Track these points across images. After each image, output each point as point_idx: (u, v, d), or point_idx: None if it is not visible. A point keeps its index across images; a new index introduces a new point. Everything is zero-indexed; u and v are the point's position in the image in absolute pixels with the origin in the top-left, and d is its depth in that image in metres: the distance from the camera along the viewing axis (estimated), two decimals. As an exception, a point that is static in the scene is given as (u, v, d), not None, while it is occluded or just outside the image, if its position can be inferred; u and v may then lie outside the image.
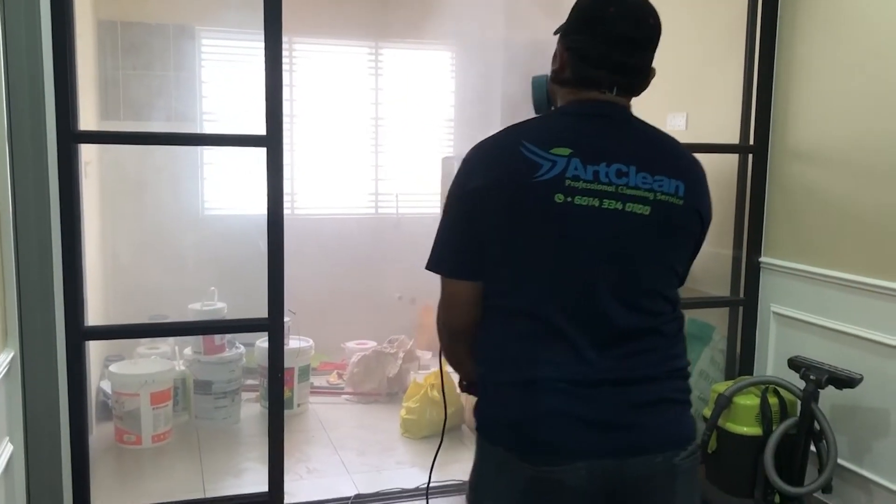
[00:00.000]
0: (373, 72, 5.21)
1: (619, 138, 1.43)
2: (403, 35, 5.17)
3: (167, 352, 4.15)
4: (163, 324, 3.74)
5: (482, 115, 5.38)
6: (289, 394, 3.98)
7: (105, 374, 3.99)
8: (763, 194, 3.19)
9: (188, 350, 3.98)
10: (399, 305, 5.25)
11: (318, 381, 4.50)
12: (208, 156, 4.77)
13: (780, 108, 3.13)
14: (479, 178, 1.39)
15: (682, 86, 3.61)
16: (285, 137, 2.80)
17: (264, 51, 2.73)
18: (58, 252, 2.55)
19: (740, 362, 3.33)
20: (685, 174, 1.45)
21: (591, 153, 1.38)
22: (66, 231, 2.57)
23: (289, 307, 3.96)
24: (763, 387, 2.89)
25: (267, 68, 2.74)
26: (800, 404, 2.78)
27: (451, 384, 3.90)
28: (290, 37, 4.90)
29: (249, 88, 2.73)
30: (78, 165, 2.63)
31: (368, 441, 3.75)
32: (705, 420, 2.92)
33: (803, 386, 2.73)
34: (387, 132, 5.25)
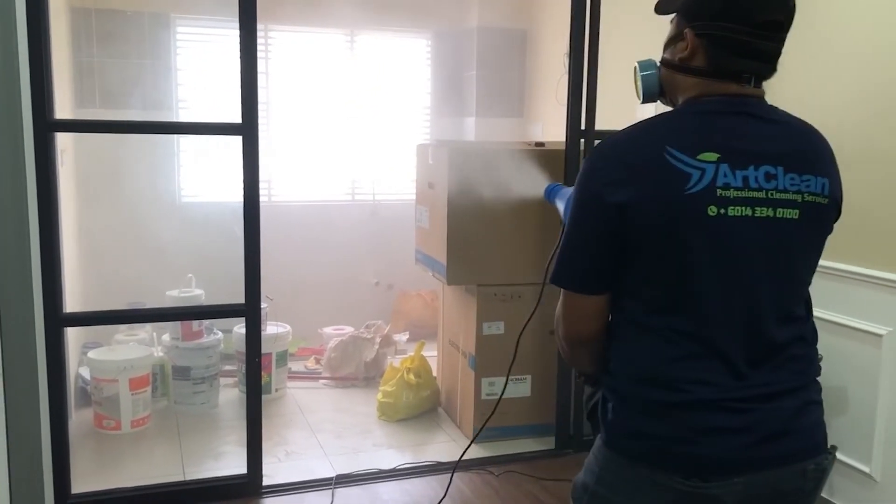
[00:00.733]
0: (349, 59, 5.23)
1: (764, 137, 1.32)
2: (379, 22, 5.20)
3: (145, 338, 4.19)
4: (140, 310, 3.77)
5: (458, 102, 5.44)
6: (267, 379, 4.03)
7: (83, 360, 4.02)
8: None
9: (166, 336, 4.02)
10: (376, 291, 5.32)
11: (296, 366, 4.55)
12: (184, 143, 4.78)
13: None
14: (622, 189, 1.26)
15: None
16: (261, 125, 2.83)
17: (239, 40, 2.77)
18: (35, 240, 2.59)
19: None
20: (828, 169, 1.36)
21: (739, 156, 1.28)
22: (43, 219, 2.61)
23: (266, 293, 4.01)
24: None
25: (242, 58, 2.78)
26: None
27: (427, 368, 3.98)
28: (265, 24, 4.92)
29: (225, 76, 2.76)
30: (54, 154, 2.66)
31: (345, 424, 3.81)
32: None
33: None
34: (363, 119, 5.29)
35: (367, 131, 5.30)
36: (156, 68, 4.64)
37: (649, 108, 4.12)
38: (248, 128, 2.80)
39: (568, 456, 3.47)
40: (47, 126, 2.60)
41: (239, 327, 4.02)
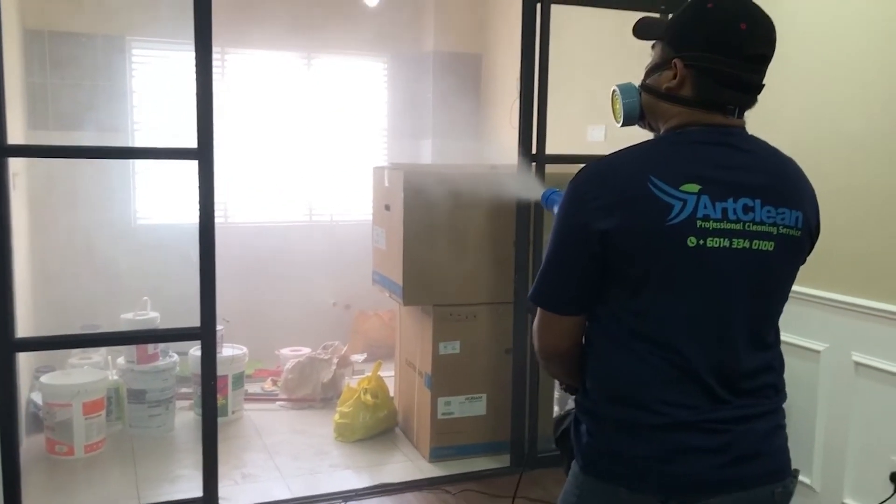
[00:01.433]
0: (306, 81, 5.28)
1: (744, 169, 1.35)
2: (336, 45, 5.26)
3: (100, 362, 4.15)
4: (94, 334, 3.75)
5: (415, 124, 5.51)
6: (223, 401, 4.02)
7: (35, 385, 3.97)
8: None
9: (121, 360, 3.99)
10: (334, 311, 5.34)
11: (253, 388, 4.55)
12: (140, 166, 4.77)
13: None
14: (607, 217, 1.30)
15: (601, 98, 3.78)
16: (218, 146, 2.85)
17: (194, 65, 2.79)
18: (-13, 265, 2.57)
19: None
20: (804, 202, 1.39)
21: (720, 188, 1.31)
22: (-5, 244, 2.59)
23: (223, 315, 4.03)
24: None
25: (198, 82, 2.79)
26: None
27: (384, 388, 4.01)
28: (222, 46, 4.94)
29: (181, 99, 2.78)
30: (6, 178, 2.65)
31: (302, 446, 3.82)
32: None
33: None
34: (321, 140, 5.32)
35: (325, 153, 5.34)
36: (111, 91, 4.63)
37: (599, 133, 4.24)
38: (203, 153, 2.82)
39: (523, 473, 3.52)
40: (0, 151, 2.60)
41: (195, 350, 4.01)
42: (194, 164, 2.81)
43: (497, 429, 3.67)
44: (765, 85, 1.40)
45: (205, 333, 2.95)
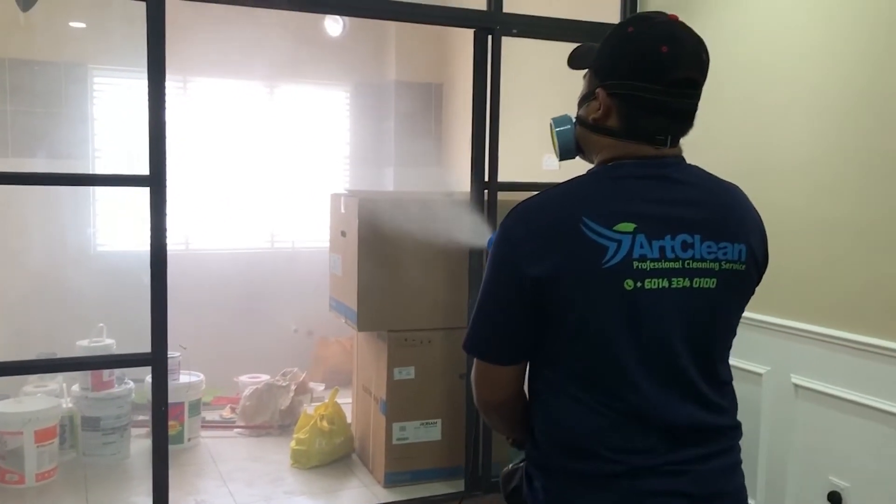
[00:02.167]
0: (269, 109, 5.33)
1: (681, 202, 1.29)
2: (299, 74, 5.32)
3: (55, 389, 4.12)
4: (41, 360, 3.69)
5: (377, 152, 5.58)
6: (179, 428, 4.01)
7: (-13, 413, 3.93)
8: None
9: (76, 387, 3.97)
10: (295, 338, 5.34)
11: (212, 415, 4.53)
12: (99, 193, 4.77)
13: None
14: (538, 262, 1.24)
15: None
16: (180, 173, 2.88)
17: (147, 94, 2.83)
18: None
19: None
20: (748, 233, 1.34)
21: (656, 225, 1.26)
22: (-57, 270, 2.60)
23: (181, 342, 4.03)
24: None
25: (150, 112, 2.84)
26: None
27: (341, 414, 4.02)
28: (184, 75, 4.99)
29: (140, 126, 2.83)
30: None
31: (258, 472, 3.81)
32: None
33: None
34: (283, 168, 5.36)
35: (288, 180, 5.37)
36: (71, 118, 4.65)
37: (553, 161, 4.31)
38: (155, 180, 2.85)
39: (477, 497, 3.53)
40: (-51, 177, 2.61)
41: (151, 377, 3.99)
42: (146, 191, 2.85)
43: (452, 454, 3.69)
44: (696, 110, 1.34)
45: (156, 359, 2.96)
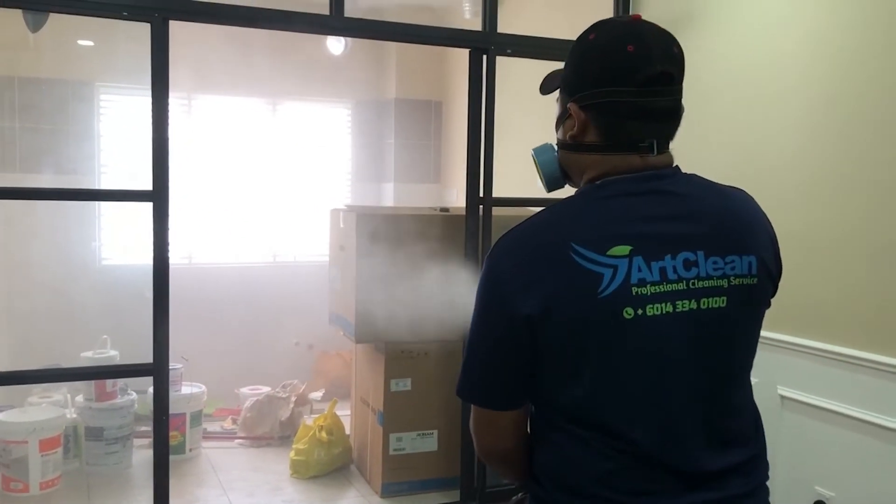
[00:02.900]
0: (271, 126, 5.43)
1: (679, 218, 1.19)
2: (301, 92, 5.43)
3: (60, 400, 4.19)
4: (46, 370, 3.77)
5: (377, 168, 5.68)
6: (181, 439, 4.08)
7: (-7, 423, 4.01)
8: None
9: (80, 397, 4.04)
10: (296, 351, 5.41)
11: (213, 426, 4.60)
12: (105, 207, 4.87)
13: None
14: (528, 298, 1.14)
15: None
16: (184, 188, 2.96)
17: (151, 112, 2.93)
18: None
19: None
20: (757, 243, 1.23)
21: (654, 245, 1.15)
22: (-48, 282, 2.68)
23: (183, 354, 4.11)
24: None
25: (154, 128, 2.93)
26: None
27: (339, 425, 4.09)
28: (188, 92, 5.09)
29: (145, 142, 2.92)
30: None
31: (257, 482, 3.88)
32: None
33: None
34: (285, 184, 5.46)
35: (290, 196, 5.47)
36: (78, 134, 4.76)
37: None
38: (158, 195, 2.94)
39: (470, 508, 3.60)
40: (-41, 192, 2.71)
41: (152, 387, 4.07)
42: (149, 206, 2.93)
43: (448, 464, 3.74)
44: (682, 107, 1.25)
45: (157, 369, 3.04)
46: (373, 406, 3.82)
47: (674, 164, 1.26)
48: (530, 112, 4.40)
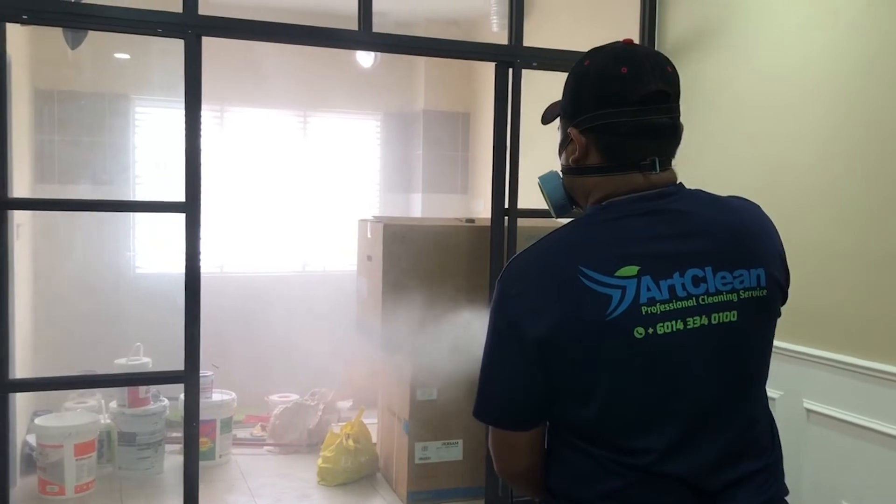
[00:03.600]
0: (302, 138, 5.52)
1: (685, 235, 1.21)
2: (331, 105, 5.52)
3: (95, 405, 4.30)
4: (80, 376, 3.86)
5: (406, 179, 5.74)
6: (211, 445, 4.15)
7: (31, 427, 4.12)
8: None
9: (114, 403, 4.14)
10: (326, 359, 5.46)
11: (243, 433, 4.67)
12: (139, 217, 4.98)
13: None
14: (538, 321, 1.16)
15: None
16: (215, 199, 3.03)
17: (184, 124, 3.01)
18: (-17, 309, 2.75)
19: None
20: (764, 255, 1.25)
21: (662, 264, 1.17)
22: (-8, 290, 2.77)
23: (214, 362, 4.19)
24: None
25: (186, 141, 3.00)
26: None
27: (366, 433, 4.13)
28: (221, 105, 5.20)
29: (178, 154, 3.00)
30: (6, 229, 2.85)
31: (285, 489, 3.93)
32: None
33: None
34: (316, 194, 5.54)
35: (320, 206, 5.55)
36: (114, 146, 4.88)
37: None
38: (190, 206, 3.01)
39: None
40: (1, 204, 2.80)
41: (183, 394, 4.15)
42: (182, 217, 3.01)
43: (474, 474, 3.77)
44: (680, 125, 1.28)
45: (188, 376, 3.11)
46: (398, 415, 3.86)
47: (677, 181, 1.28)
48: (556, 124, 4.42)
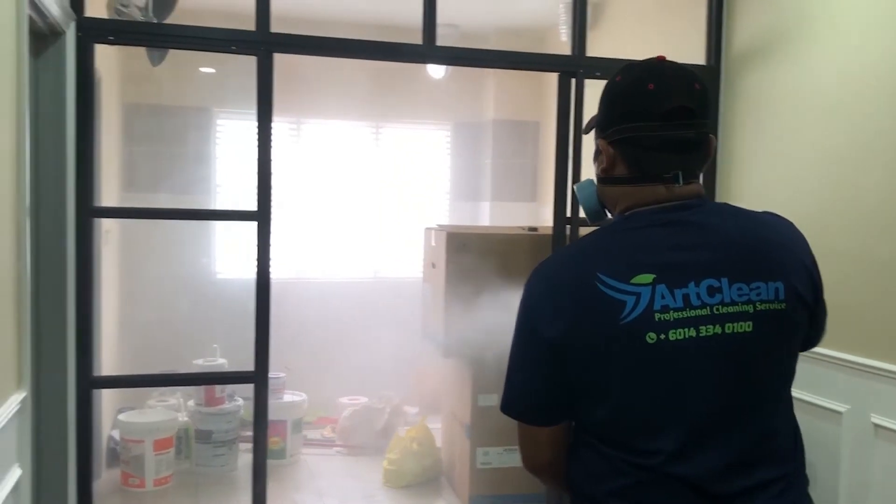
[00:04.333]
0: (374, 148, 5.67)
1: (704, 246, 1.25)
2: (403, 115, 5.64)
3: (174, 404, 4.52)
4: (157, 375, 4.07)
5: (475, 188, 5.82)
6: (281, 444, 4.30)
7: (115, 422, 4.36)
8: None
9: (192, 402, 4.34)
10: (396, 364, 5.57)
11: (313, 434, 4.82)
12: (220, 225, 5.21)
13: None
14: (554, 324, 1.23)
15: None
16: (294, 208, 3.15)
17: (257, 138, 3.15)
18: (72, 311, 2.94)
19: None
20: (785, 269, 1.26)
21: (677, 273, 1.22)
22: (80, 292, 2.97)
23: (287, 364, 4.34)
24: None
25: (259, 152, 3.15)
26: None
27: (430, 437, 4.21)
28: (297, 117, 5.39)
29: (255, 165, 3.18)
30: (92, 235, 3.05)
31: (351, 489, 4.05)
32: None
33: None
34: (387, 203, 5.67)
35: (391, 215, 5.68)
36: (197, 157, 5.12)
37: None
38: (262, 215, 3.15)
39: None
40: (88, 212, 3.00)
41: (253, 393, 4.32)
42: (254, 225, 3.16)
43: (535, 480, 3.75)
44: (706, 140, 1.33)
45: (258, 377, 3.24)
46: (461, 419, 3.92)
47: (702, 194, 1.33)
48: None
